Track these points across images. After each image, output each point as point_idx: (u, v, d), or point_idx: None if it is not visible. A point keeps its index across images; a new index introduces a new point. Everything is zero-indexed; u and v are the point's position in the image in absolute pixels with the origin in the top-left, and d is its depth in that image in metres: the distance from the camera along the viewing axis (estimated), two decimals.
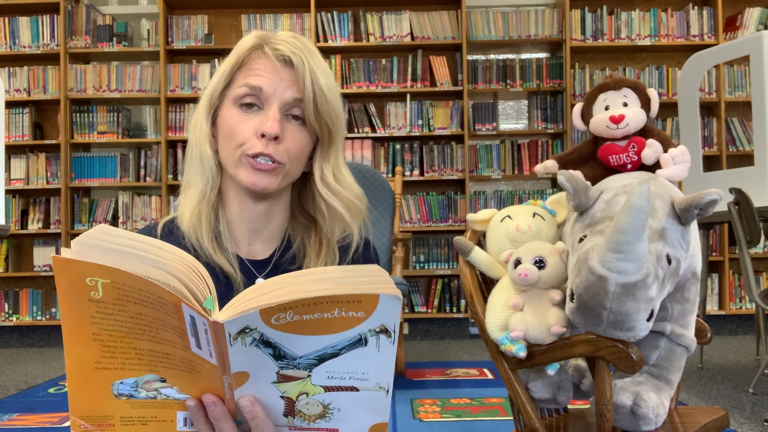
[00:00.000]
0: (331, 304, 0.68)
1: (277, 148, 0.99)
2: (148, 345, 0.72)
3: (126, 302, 0.69)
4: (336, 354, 0.72)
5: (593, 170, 1.42)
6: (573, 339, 1.21)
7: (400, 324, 0.73)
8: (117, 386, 0.74)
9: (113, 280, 0.68)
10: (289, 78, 1.00)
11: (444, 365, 3.81)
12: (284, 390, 0.74)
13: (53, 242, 4.84)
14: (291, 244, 1.08)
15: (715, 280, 4.74)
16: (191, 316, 0.68)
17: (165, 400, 0.75)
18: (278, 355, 0.71)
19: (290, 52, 1.00)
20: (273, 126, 0.97)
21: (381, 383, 0.75)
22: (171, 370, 0.73)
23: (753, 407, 2.76)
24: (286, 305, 0.67)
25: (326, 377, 0.74)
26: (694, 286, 1.34)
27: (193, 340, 0.70)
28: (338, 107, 1.04)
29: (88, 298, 0.69)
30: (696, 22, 4.79)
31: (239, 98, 1.00)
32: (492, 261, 1.37)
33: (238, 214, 1.06)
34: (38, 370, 3.92)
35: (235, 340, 0.68)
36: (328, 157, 1.06)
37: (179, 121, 4.81)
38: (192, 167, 1.05)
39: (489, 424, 2.60)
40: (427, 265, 4.78)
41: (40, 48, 4.80)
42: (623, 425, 1.24)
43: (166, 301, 0.68)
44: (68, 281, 0.69)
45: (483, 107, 4.82)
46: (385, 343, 0.72)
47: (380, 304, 0.69)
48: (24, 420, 2.80)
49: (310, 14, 4.75)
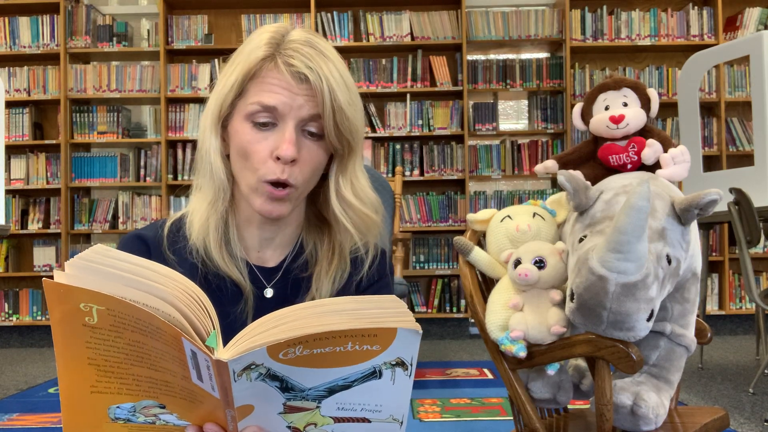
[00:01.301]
0: (345, 338, 0.65)
1: (293, 171, 0.94)
2: (146, 372, 0.68)
3: (123, 329, 0.66)
4: (347, 386, 0.69)
5: (593, 170, 1.42)
6: (573, 339, 1.21)
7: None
8: (114, 410, 0.71)
9: (108, 307, 0.65)
10: (305, 93, 0.93)
11: (444, 365, 3.81)
12: (291, 420, 0.71)
13: (53, 242, 4.84)
14: (303, 250, 1.04)
15: (715, 280, 4.74)
16: (192, 351, 0.65)
17: (164, 425, 0.72)
18: (285, 388, 0.68)
19: (305, 68, 0.93)
20: (289, 149, 0.92)
21: (395, 415, 0.73)
22: (171, 397, 0.70)
23: (753, 407, 2.76)
24: (295, 340, 0.64)
25: (336, 408, 0.71)
26: (694, 286, 1.34)
27: (194, 372, 0.67)
28: (359, 121, 0.98)
29: (83, 324, 0.66)
30: (696, 22, 4.79)
31: (252, 115, 0.94)
32: (492, 261, 1.37)
33: (250, 222, 1.02)
34: (38, 370, 3.92)
35: (240, 376, 0.65)
36: (345, 169, 1.00)
37: (179, 121, 4.81)
38: (203, 175, 1.00)
39: (489, 424, 2.60)
40: (427, 265, 4.78)
41: (40, 48, 4.81)
42: (623, 425, 1.24)
43: (165, 332, 0.65)
44: (61, 306, 0.66)
45: (483, 107, 4.82)
46: (401, 376, 0.69)
47: (398, 337, 0.66)
48: (24, 420, 2.80)
49: (310, 14, 4.75)
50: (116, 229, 4.81)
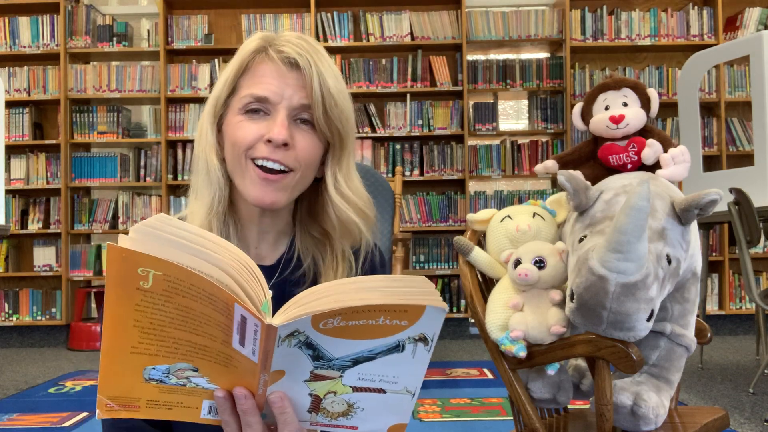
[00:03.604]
0: (378, 312, 0.70)
1: (287, 155, 0.95)
2: (187, 336, 0.72)
3: (174, 294, 0.70)
4: (371, 358, 0.74)
5: (593, 170, 1.42)
6: (573, 339, 1.21)
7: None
8: (149, 371, 0.74)
9: (166, 272, 0.68)
10: (295, 82, 0.96)
11: (444, 365, 3.81)
12: (314, 388, 0.76)
13: (53, 242, 4.84)
14: (302, 263, 1.05)
15: (715, 280, 4.74)
16: (243, 316, 0.69)
17: (194, 388, 0.75)
18: (317, 356, 0.73)
19: (296, 54, 0.95)
20: (281, 132, 0.93)
21: (409, 387, 0.77)
22: (205, 361, 0.74)
23: (753, 407, 2.76)
24: (336, 312, 0.69)
25: (357, 378, 0.75)
26: (694, 286, 1.34)
27: (237, 337, 0.71)
28: (348, 110, 0.99)
29: (137, 287, 0.69)
30: (696, 22, 4.79)
31: (244, 107, 0.97)
32: (492, 261, 1.37)
33: (247, 221, 1.03)
34: (38, 370, 3.92)
35: (283, 342, 0.70)
36: (340, 164, 1.01)
37: (179, 121, 4.81)
38: (198, 176, 1.01)
39: (489, 424, 2.60)
40: (427, 265, 4.78)
41: (40, 48, 4.81)
42: (623, 425, 1.24)
43: (217, 298, 0.69)
44: (119, 269, 0.69)
45: (483, 107, 4.82)
46: (421, 350, 0.74)
47: (425, 314, 0.71)
48: (24, 420, 2.80)
49: (310, 14, 4.75)
50: (116, 229, 4.81)
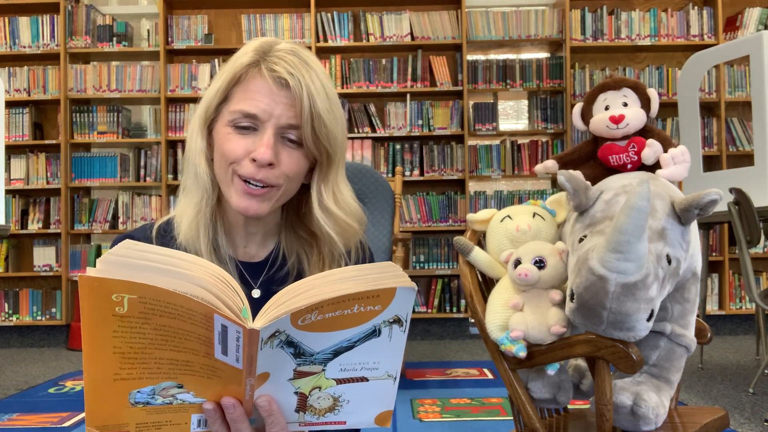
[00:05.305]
0: (352, 301, 0.72)
1: (271, 174, 0.96)
2: (168, 354, 0.73)
3: (151, 315, 0.70)
4: (351, 347, 0.76)
5: (593, 170, 1.42)
6: (573, 339, 1.21)
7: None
8: (134, 395, 0.75)
9: (141, 294, 0.69)
10: (285, 101, 0.96)
11: (444, 365, 3.81)
12: (299, 386, 0.78)
13: (53, 242, 4.84)
14: (286, 261, 1.07)
15: (715, 280, 4.74)
16: (223, 325, 0.70)
17: (180, 404, 0.76)
18: (298, 353, 0.75)
19: (287, 74, 0.95)
20: (266, 153, 0.94)
21: (390, 371, 0.79)
22: (190, 376, 0.75)
23: (753, 407, 2.76)
24: (313, 306, 0.71)
25: (339, 370, 0.77)
26: (694, 286, 1.34)
27: (220, 347, 0.72)
28: (337, 130, 0.99)
29: (113, 314, 0.70)
30: (696, 22, 4.79)
31: (233, 121, 0.97)
32: (492, 261, 1.37)
33: (235, 221, 1.05)
34: (38, 370, 3.92)
35: (265, 344, 0.72)
36: (327, 179, 1.02)
37: (179, 121, 4.81)
38: (188, 177, 1.03)
39: (489, 424, 2.60)
40: (427, 265, 4.78)
41: (40, 48, 4.80)
42: (623, 425, 1.24)
43: (195, 312, 0.70)
44: (93, 298, 0.69)
45: (483, 107, 4.82)
46: (397, 332, 0.77)
47: (396, 296, 0.73)
48: (24, 420, 2.80)
49: (310, 14, 4.75)
50: (116, 229, 4.81)
